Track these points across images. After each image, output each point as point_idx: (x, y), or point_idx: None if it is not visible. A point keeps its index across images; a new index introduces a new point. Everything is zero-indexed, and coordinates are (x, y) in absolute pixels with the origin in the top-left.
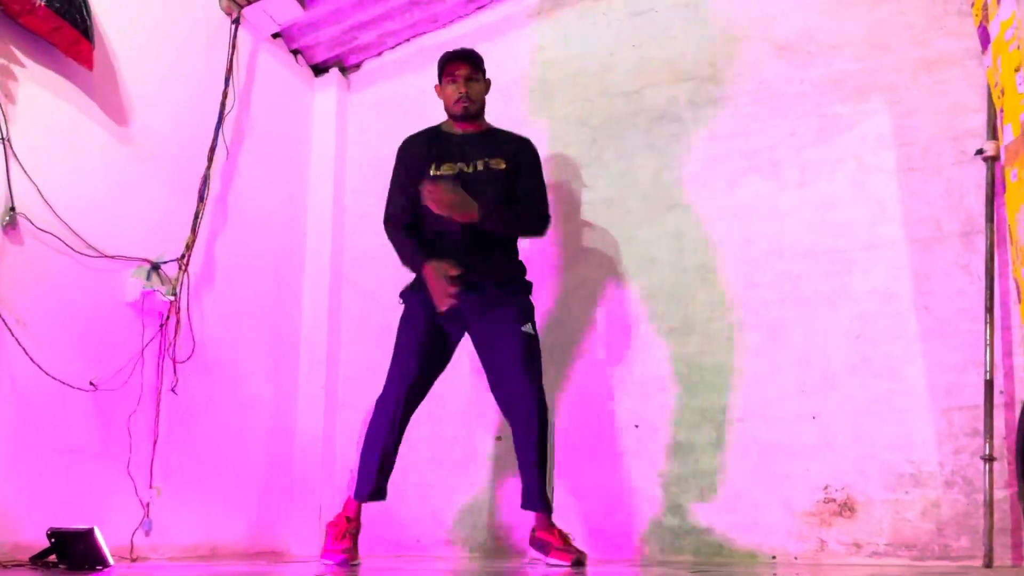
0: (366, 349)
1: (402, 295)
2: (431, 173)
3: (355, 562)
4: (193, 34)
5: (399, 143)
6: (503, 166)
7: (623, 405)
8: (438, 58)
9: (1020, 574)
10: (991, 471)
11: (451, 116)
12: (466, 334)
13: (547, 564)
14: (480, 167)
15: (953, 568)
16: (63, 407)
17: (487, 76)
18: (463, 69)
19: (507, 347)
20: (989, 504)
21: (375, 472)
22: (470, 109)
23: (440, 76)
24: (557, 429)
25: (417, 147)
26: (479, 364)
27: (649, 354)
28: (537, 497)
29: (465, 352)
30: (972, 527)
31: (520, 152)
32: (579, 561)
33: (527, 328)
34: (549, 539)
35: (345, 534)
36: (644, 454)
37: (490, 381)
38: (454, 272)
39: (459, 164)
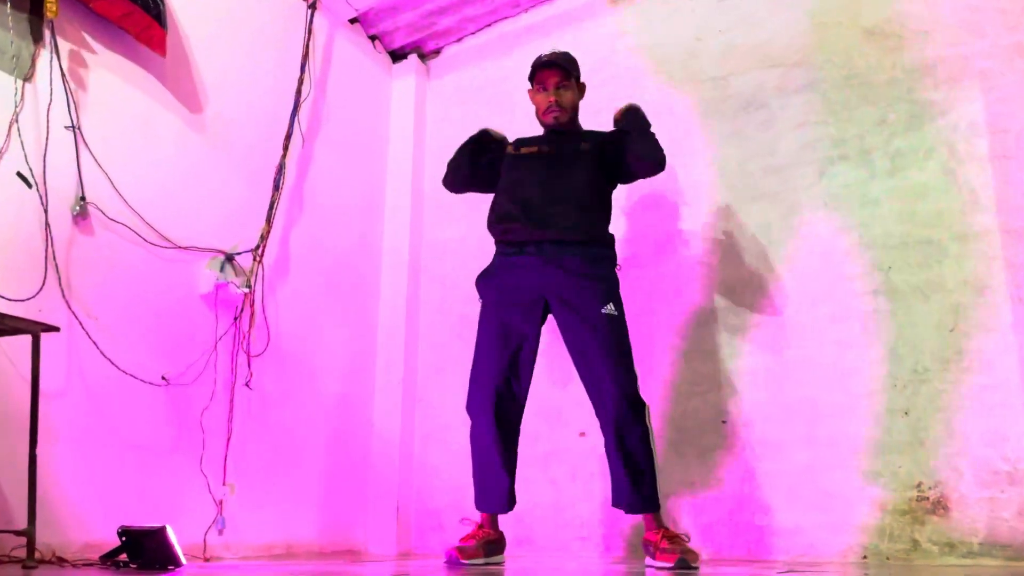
0: (446, 342)
1: (478, 285)
2: (508, 151)
3: (473, 560)
4: (268, 19)
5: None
6: (587, 147)
7: (709, 400)
8: (519, 45)
9: None
10: None
11: (542, 125)
12: (550, 315)
13: (647, 566)
14: (565, 149)
15: None
16: (135, 402)
17: (581, 80)
18: (554, 77)
19: (590, 335)
20: None
21: (480, 483)
22: (560, 119)
23: (532, 82)
24: None
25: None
26: (555, 357)
27: (736, 348)
28: (627, 497)
29: (545, 342)
30: None
31: (610, 134)
32: (684, 562)
33: (609, 308)
34: (654, 539)
35: (473, 536)
36: (731, 451)
37: (579, 372)
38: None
39: (542, 145)
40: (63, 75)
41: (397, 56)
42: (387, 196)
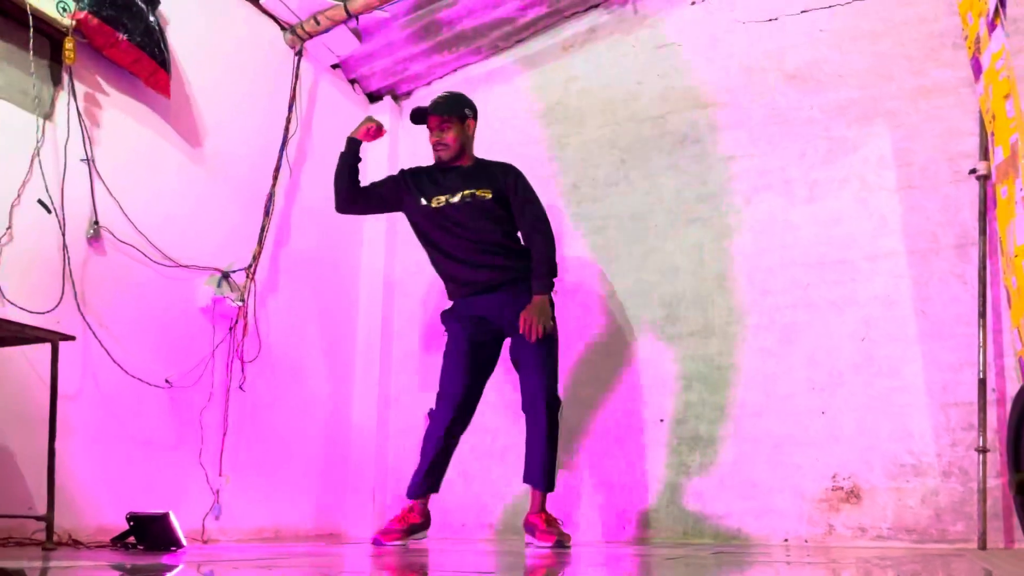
0: (416, 350)
1: (443, 318)
2: (421, 204)
3: (395, 543)
4: (261, 65)
5: None
6: (489, 196)
7: (649, 401)
8: (482, 87)
9: (1011, 555)
10: (985, 462)
11: (436, 161)
12: (504, 335)
13: (528, 544)
14: (467, 198)
15: (950, 550)
16: (141, 403)
17: (467, 117)
18: (433, 121)
19: (525, 349)
20: (983, 492)
21: (421, 476)
22: (443, 157)
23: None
24: (590, 424)
25: (411, 176)
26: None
27: (673, 355)
28: (538, 473)
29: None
30: (967, 513)
31: (504, 178)
32: (561, 543)
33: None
34: (536, 522)
35: (401, 519)
36: (669, 446)
37: (517, 372)
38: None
39: (445, 196)
40: (79, 114)
41: (374, 97)
42: (365, 221)
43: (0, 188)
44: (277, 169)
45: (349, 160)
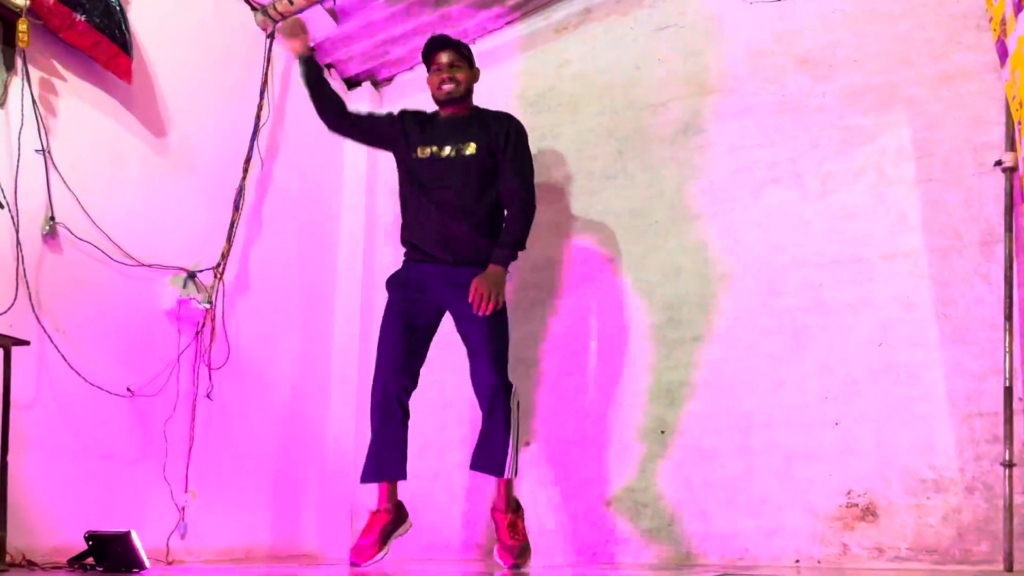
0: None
1: (387, 284)
2: (407, 153)
3: (376, 558)
4: (229, 48)
5: None
6: (472, 150)
7: (650, 411)
8: None
9: None
10: (1011, 477)
11: (436, 102)
12: (444, 310)
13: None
14: (452, 152)
15: (973, 572)
16: (101, 413)
17: (475, 66)
18: (444, 56)
19: (474, 325)
20: (1009, 509)
21: (372, 454)
22: (453, 93)
23: (427, 68)
24: (585, 435)
25: (409, 118)
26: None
27: (675, 361)
28: (496, 459)
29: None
30: (992, 532)
31: (499, 130)
32: (517, 565)
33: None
34: (500, 520)
35: (368, 529)
36: (670, 459)
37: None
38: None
39: (431, 147)
40: (34, 101)
41: (352, 83)
42: (342, 216)
43: None
44: (248, 160)
45: (307, 78)
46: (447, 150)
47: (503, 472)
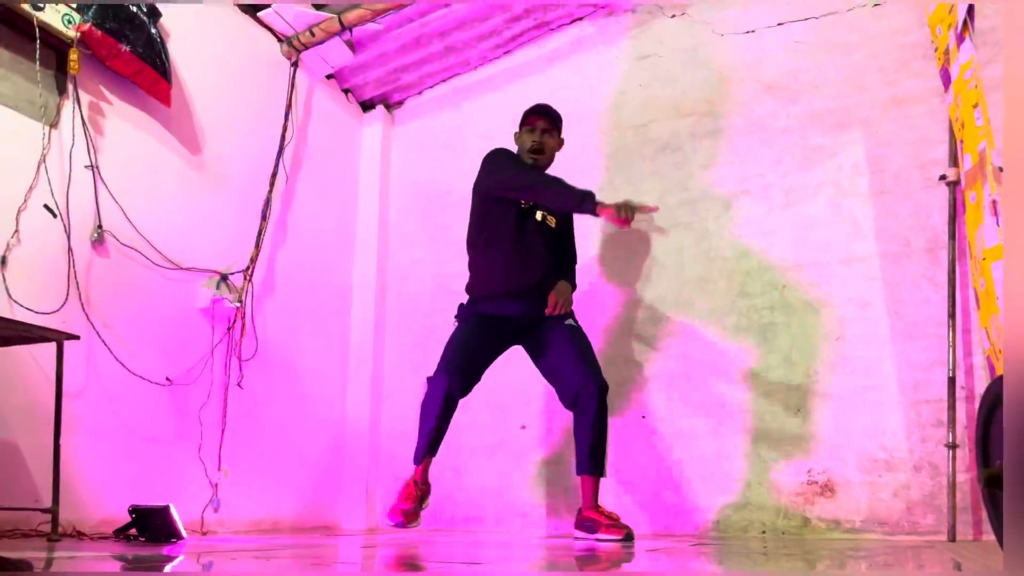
0: (407, 350)
1: (464, 311)
2: (522, 205)
3: (413, 523)
4: (257, 76)
5: (437, 170)
6: (553, 224)
7: (631, 398)
8: (471, 97)
9: (980, 547)
10: (954, 457)
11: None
12: (516, 341)
13: (597, 539)
14: (540, 219)
15: (921, 542)
16: (143, 400)
17: (562, 137)
18: (542, 122)
19: (557, 343)
20: (952, 486)
21: (427, 439)
22: (539, 161)
23: (521, 124)
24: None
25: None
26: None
27: (655, 354)
28: (590, 462)
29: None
30: (937, 506)
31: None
32: (629, 536)
33: (569, 322)
34: (597, 517)
35: (408, 496)
36: (650, 441)
37: (547, 377)
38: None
39: (536, 209)
40: (83, 122)
41: (366, 106)
42: (358, 225)
43: (7, 193)
44: (274, 175)
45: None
46: (539, 214)
47: (598, 471)
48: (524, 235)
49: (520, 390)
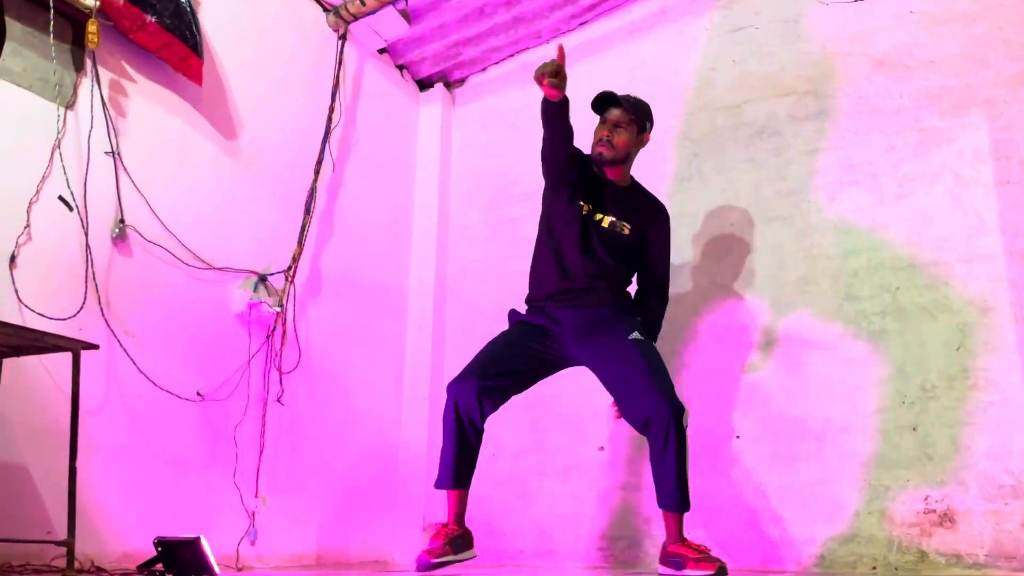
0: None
1: (511, 317)
2: (576, 203)
3: (441, 559)
4: (301, 50)
5: (503, 156)
6: (627, 231)
7: (724, 416)
8: None
9: None
10: None
11: (591, 159)
12: (572, 359)
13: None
14: (608, 225)
15: None
16: (170, 417)
17: (646, 129)
18: (613, 113)
19: (624, 361)
20: None
21: (442, 465)
22: (605, 155)
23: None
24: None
25: (585, 166)
26: (577, 373)
27: (750, 365)
28: (671, 495)
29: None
30: None
31: (651, 221)
32: (722, 570)
33: (635, 335)
34: (684, 552)
35: (436, 536)
36: (744, 465)
37: (615, 398)
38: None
39: (598, 212)
40: (103, 103)
41: (424, 85)
42: (414, 219)
43: (18, 183)
44: (319, 163)
45: (558, 117)
46: (608, 220)
47: (680, 506)
48: (583, 237)
49: (597, 408)
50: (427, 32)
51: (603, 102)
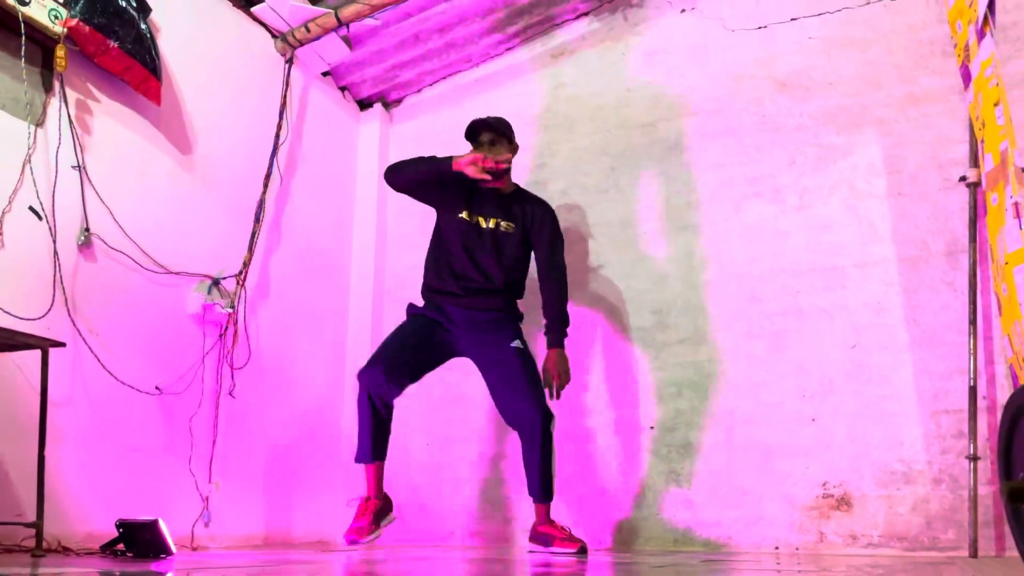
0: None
1: (408, 310)
2: (457, 215)
3: (370, 537)
4: (251, 73)
5: None
6: (512, 230)
7: (639, 409)
8: (471, 95)
9: (1003, 563)
10: (976, 469)
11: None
12: (461, 351)
13: (552, 553)
14: (493, 226)
15: (941, 558)
16: (131, 409)
17: (515, 143)
18: (486, 135)
19: (505, 366)
20: (974, 499)
21: (360, 442)
22: (493, 173)
23: (472, 141)
24: (578, 431)
25: (461, 180)
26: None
27: (663, 362)
28: (538, 487)
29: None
30: (958, 521)
31: (532, 216)
32: (583, 549)
33: (517, 344)
34: (551, 532)
35: (362, 513)
36: (658, 454)
37: (493, 396)
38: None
39: (478, 217)
40: (70, 121)
41: (364, 105)
42: (355, 228)
43: None
44: (268, 176)
45: (439, 174)
46: (494, 222)
47: (545, 497)
48: (466, 238)
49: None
50: (367, 56)
51: (474, 131)
